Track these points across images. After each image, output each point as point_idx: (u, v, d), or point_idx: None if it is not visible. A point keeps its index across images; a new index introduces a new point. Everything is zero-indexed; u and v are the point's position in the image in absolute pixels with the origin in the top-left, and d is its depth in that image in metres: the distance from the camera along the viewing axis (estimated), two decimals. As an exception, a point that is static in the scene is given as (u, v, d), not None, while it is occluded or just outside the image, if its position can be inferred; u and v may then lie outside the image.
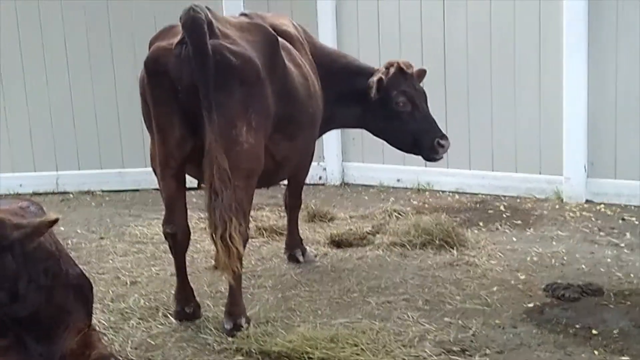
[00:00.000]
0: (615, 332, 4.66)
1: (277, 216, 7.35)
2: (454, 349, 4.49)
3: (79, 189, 8.99)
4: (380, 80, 5.88)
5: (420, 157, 6.80)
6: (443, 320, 4.91)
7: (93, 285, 4.45)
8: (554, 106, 7.80)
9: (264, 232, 6.88)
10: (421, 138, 6.03)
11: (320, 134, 6.23)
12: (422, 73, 6.26)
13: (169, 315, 5.13)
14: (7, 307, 3.80)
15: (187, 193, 5.12)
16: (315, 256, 6.29)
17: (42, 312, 4.03)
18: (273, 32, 5.19)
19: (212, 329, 4.87)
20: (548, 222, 7.11)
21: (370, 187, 8.64)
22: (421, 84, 6.23)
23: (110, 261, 6.40)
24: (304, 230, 6.81)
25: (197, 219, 6.91)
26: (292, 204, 6.21)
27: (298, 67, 5.34)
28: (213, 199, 4.47)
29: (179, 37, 4.60)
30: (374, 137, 6.54)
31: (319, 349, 4.36)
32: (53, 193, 8.90)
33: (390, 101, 5.94)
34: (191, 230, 5.12)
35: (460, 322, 4.89)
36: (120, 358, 4.35)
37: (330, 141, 8.70)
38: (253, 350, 4.47)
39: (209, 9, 4.77)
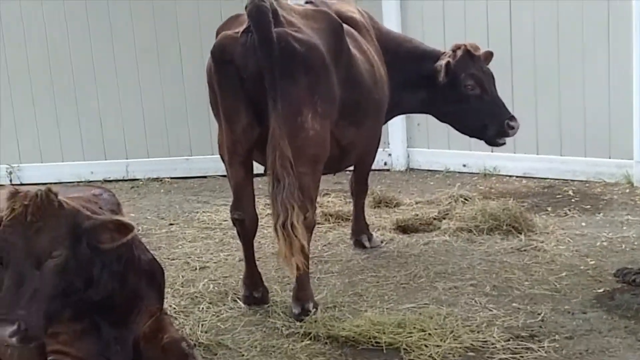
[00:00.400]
0: (687, 318, 4.58)
1: (343, 202, 7.33)
2: (523, 334, 4.44)
3: (147, 176, 9.16)
4: (448, 63, 5.83)
5: (487, 142, 6.76)
6: (511, 306, 4.86)
7: (164, 270, 4.55)
8: (623, 89, 7.60)
9: (330, 217, 6.90)
10: (491, 120, 5.97)
11: (387, 120, 6.21)
12: (489, 55, 6.17)
13: (237, 300, 5.21)
14: (82, 292, 3.89)
15: (255, 179, 5.14)
16: (382, 242, 6.26)
17: (116, 297, 4.12)
18: (338, 19, 5.18)
19: (281, 313, 4.93)
20: (618, 207, 6.95)
21: (436, 172, 8.57)
22: (488, 67, 6.16)
23: (180, 247, 6.52)
24: (370, 215, 6.79)
25: (263, 205, 6.93)
26: (358, 190, 6.21)
27: (363, 54, 5.32)
28: (275, 186, 4.50)
29: (244, 26, 4.64)
30: (439, 123, 6.48)
31: (386, 333, 4.38)
32: (123, 180, 9.07)
33: (458, 84, 5.88)
34: (259, 216, 5.18)
35: (528, 307, 4.83)
36: (191, 341, 4.44)
37: (395, 127, 8.65)
38: (321, 335, 4.50)
39: None
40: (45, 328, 3.65)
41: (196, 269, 5.93)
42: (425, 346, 4.26)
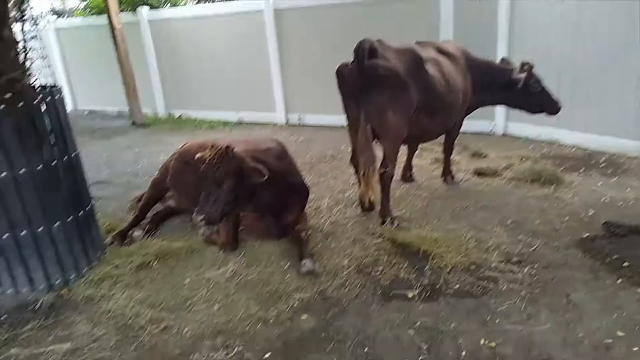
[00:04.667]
0: (641, 267, 3.24)
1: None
2: (513, 259, 3.48)
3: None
4: (527, 76, 4.64)
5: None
6: (517, 237, 3.82)
7: (308, 189, 4.08)
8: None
9: (437, 161, 5.86)
10: (548, 104, 4.74)
11: (474, 109, 4.98)
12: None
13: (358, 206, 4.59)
14: (250, 199, 3.61)
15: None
16: (460, 181, 5.20)
17: (275, 203, 3.82)
18: (418, 54, 4.11)
19: (374, 219, 4.27)
20: (630, 174, 5.10)
21: (520, 138, 6.89)
22: None
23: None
24: (462, 163, 5.75)
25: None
26: (446, 150, 5.13)
27: (442, 74, 4.21)
28: (360, 154, 3.88)
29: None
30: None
31: (425, 244, 3.66)
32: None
33: (529, 86, 4.65)
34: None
35: (528, 240, 3.77)
36: (309, 230, 3.99)
37: (499, 108, 7.06)
38: (387, 237, 3.86)
39: (380, 41, 3.95)
40: (220, 218, 3.40)
41: (341, 192, 5.29)
42: (444, 256, 3.47)
